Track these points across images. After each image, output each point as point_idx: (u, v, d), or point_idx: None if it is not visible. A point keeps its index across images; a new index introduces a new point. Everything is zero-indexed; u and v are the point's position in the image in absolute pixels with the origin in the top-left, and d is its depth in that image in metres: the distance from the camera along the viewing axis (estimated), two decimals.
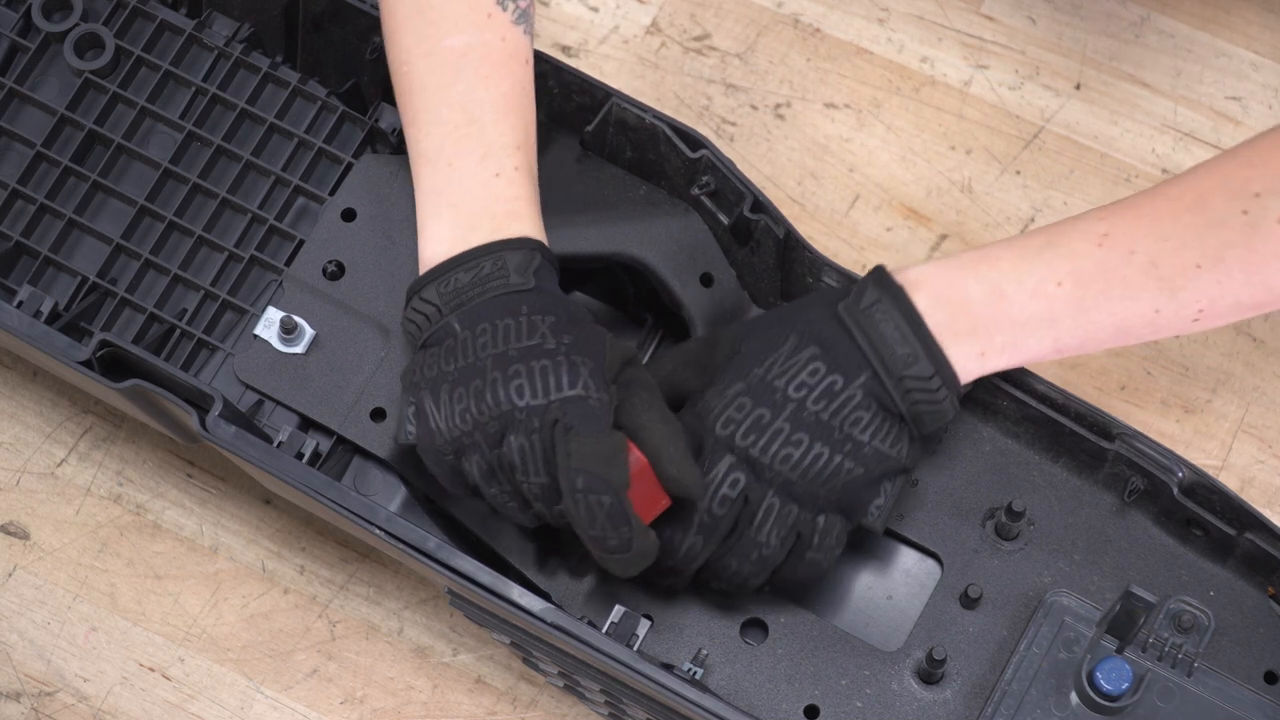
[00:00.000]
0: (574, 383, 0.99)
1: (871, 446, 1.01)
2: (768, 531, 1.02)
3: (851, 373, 1.01)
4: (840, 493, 1.02)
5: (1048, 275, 1.00)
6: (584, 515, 0.97)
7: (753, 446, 1.01)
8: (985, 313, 1.01)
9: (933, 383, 1.00)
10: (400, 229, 1.12)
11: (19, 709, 1.22)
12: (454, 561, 1.02)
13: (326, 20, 1.17)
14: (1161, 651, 1.05)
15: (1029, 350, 1.02)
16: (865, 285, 1.02)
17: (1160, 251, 0.99)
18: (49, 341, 1.06)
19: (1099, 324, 1.00)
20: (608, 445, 0.97)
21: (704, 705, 1.00)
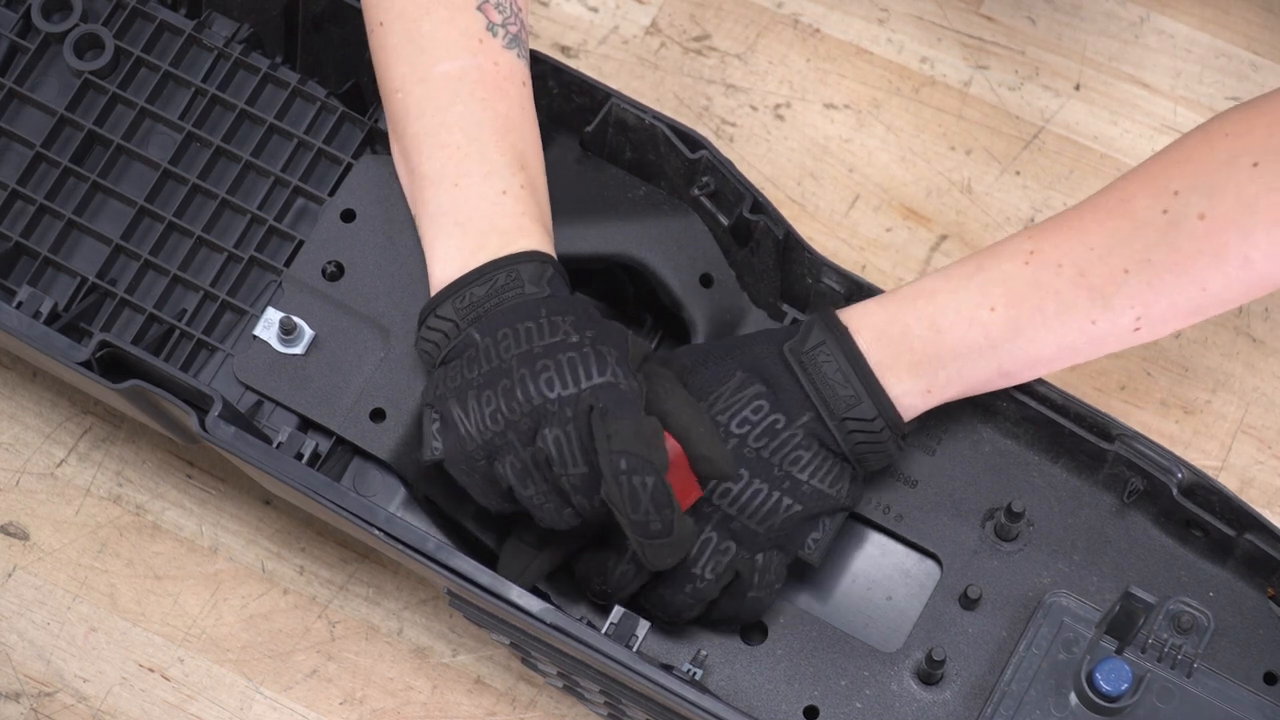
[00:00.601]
0: (603, 370, 0.99)
1: (810, 485, 1.02)
2: (702, 566, 1.03)
3: (794, 413, 1.02)
4: (779, 529, 1.03)
5: (981, 301, 1.01)
6: (628, 499, 0.96)
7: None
8: (925, 349, 1.02)
9: (875, 424, 1.02)
10: (400, 229, 1.12)
11: (19, 709, 1.22)
12: (453, 562, 1.02)
13: (326, 20, 1.17)
14: (1161, 652, 1.05)
15: (974, 379, 1.03)
16: (811, 326, 1.03)
17: (1087, 261, 0.99)
18: (49, 342, 1.06)
19: (1039, 343, 1.01)
20: (647, 427, 0.97)
21: (703, 706, 1.00)
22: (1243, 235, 0.96)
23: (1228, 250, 0.97)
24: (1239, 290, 0.99)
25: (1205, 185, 0.97)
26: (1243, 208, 0.96)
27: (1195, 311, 1.00)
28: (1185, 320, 1.00)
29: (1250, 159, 0.97)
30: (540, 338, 1.00)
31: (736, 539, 1.03)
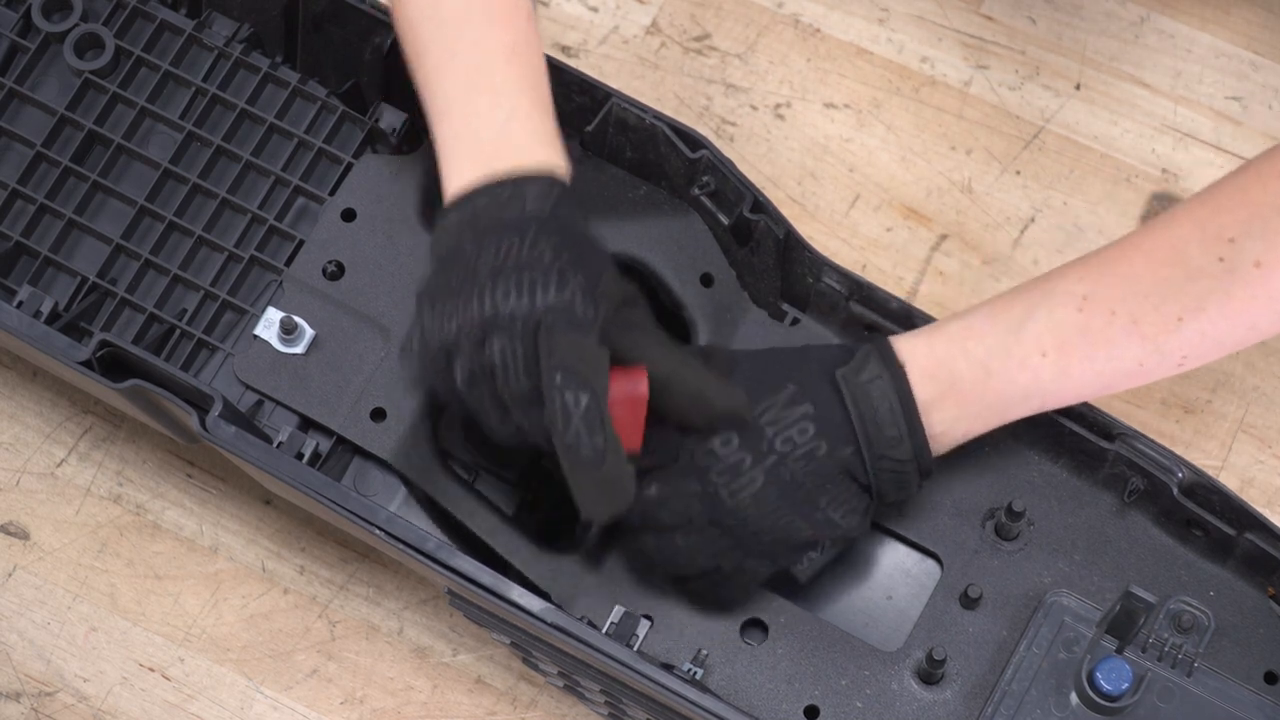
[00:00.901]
0: (561, 291, 0.98)
1: (825, 514, 1.02)
2: (694, 549, 1.03)
3: (835, 444, 1.02)
4: (781, 546, 1.03)
5: (1033, 348, 1.01)
6: (559, 414, 0.95)
7: (723, 487, 1.02)
8: (973, 391, 1.02)
9: (907, 466, 1.02)
10: (400, 229, 1.12)
11: (19, 709, 1.22)
12: (454, 561, 1.02)
13: (326, 20, 1.17)
14: (1161, 652, 1.05)
15: (1013, 414, 1.03)
16: (868, 357, 1.03)
17: (1141, 309, 0.99)
18: (49, 342, 1.06)
19: (1084, 383, 1.02)
20: (591, 350, 0.97)
21: (704, 705, 1.00)
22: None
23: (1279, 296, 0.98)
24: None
25: (1260, 230, 0.97)
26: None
27: (1239, 345, 1.00)
28: (1227, 352, 1.01)
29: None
30: (517, 254, 0.99)
31: (737, 540, 1.03)
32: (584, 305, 0.98)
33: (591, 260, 1.01)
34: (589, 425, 0.95)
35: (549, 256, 0.99)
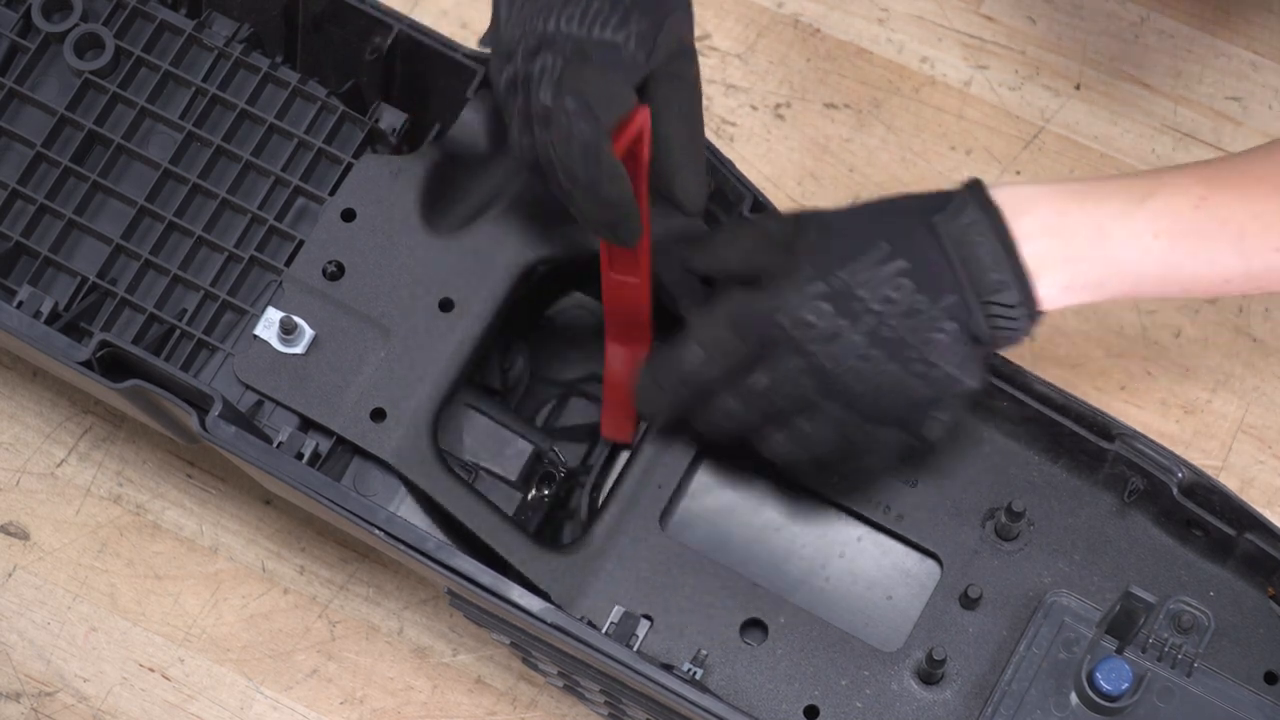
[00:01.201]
0: (618, 30, 0.99)
1: (943, 370, 1.01)
2: (819, 429, 1.02)
3: (938, 294, 1.00)
4: (905, 409, 1.02)
5: (1148, 227, 1.02)
6: (561, 137, 0.97)
7: (825, 356, 1.00)
8: (1085, 248, 1.02)
9: (1017, 310, 1.01)
10: (400, 229, 1.12)
11: (19, 709, 1.22)
12: (454, 561, 1.02)
13: (326, 20, 1.17)
14: (1161, 652, 1.05)
15: (1109, 290, 1.03)
16: (965, 202, 1.02)
17: (1249, 227, 1.01)
18: (49, 342, 1.06)
19: (1175, 280, 1.03)
20: (615, 88, 0.98)
21: (704, 705, 1.00)
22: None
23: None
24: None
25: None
26: None
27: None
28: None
29: None
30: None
31: (859, 410, 1.02)
32: (635, 49, 0.99)
33: (661, 6, 1.01)
34: (585, 154, 0.97)
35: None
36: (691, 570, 1.08)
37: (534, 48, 1.00)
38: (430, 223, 1.12)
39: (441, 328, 1.10)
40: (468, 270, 1.11)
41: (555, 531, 1.15)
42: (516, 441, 1.13)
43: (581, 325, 1.21)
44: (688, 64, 1.03)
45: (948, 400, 1.03)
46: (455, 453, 1.13)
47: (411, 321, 1.10)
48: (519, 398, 1.19)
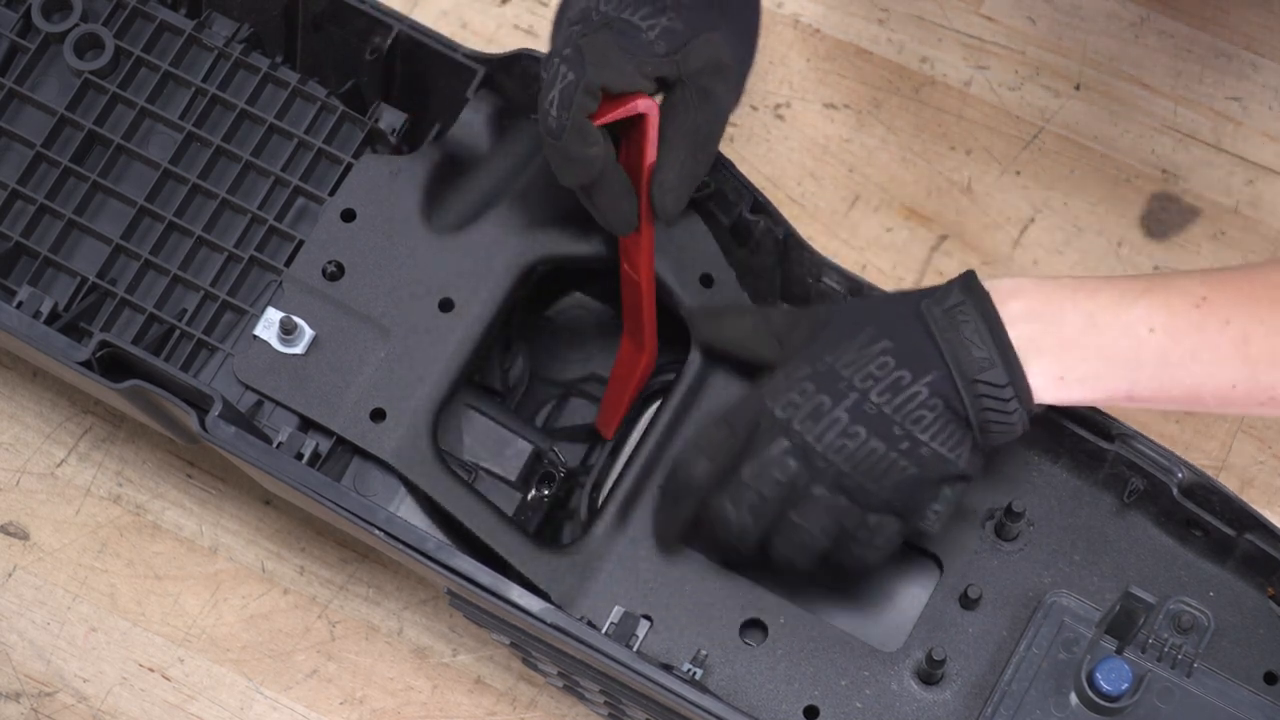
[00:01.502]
0: (646, 18, 1.01)
1: (930, 448, 1.00)
2: (812, 521, 1.02)
3: (921, 369, 1.00)
4: (894, 492, 1.01)
5: (1143, 319, 1.00)
6: (549, 79, 1.00)
7: (808, 433, 1.00)
8: (1075, 336, 1.00)
9: (1005, 391, 1.00)
10: (400, 229, 1.12)
11: (19, 709, 1.22)
12: (454, 562, 1.02)
13: (326, 20, 1.17)
14: (1161, 652, 1.05)
15: (1105, 387, 1.01)
16: (952, 287, 1.02)
17: (1255, 331, 0.99)
18: (48, 342, 1.06)
19: (1177, 381, 1.00)
20: (616, 58, 1.00)
21: (703, 706, 1.00)
22: None
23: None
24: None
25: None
26: None
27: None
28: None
29: None
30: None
31: (850, 495, 1.01)
32: (657, 39, 1.01)
33: (706, 20, 1.02)
34: (562, 100, 1.00)
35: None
36: (691, 570, 1.08)
37: (575, 19, 1.02)
38: (430, 223, 1.12)
39: (441, 328, 1.10)
40: (468, 270, 1.11)
41: (555, 532, 1.15)
42: (516, 441, 1.13)
43: (581, 325, 1.22)
44: (718, 85, 1.04)
45: (942, 487, 1.02)
46: (455, 453, 1.13)
47: (411, 321, 1.10)
48: (519, 398, 1.19)
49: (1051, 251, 1.32)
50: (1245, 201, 1.34)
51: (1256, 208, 1.33)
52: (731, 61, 1.04)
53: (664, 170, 1.04)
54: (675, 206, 1.05)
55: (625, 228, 1.06)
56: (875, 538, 1.02)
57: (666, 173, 1.04)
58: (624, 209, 1.05)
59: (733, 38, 1.04)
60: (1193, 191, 1.34)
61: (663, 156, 1.04)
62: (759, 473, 1.01)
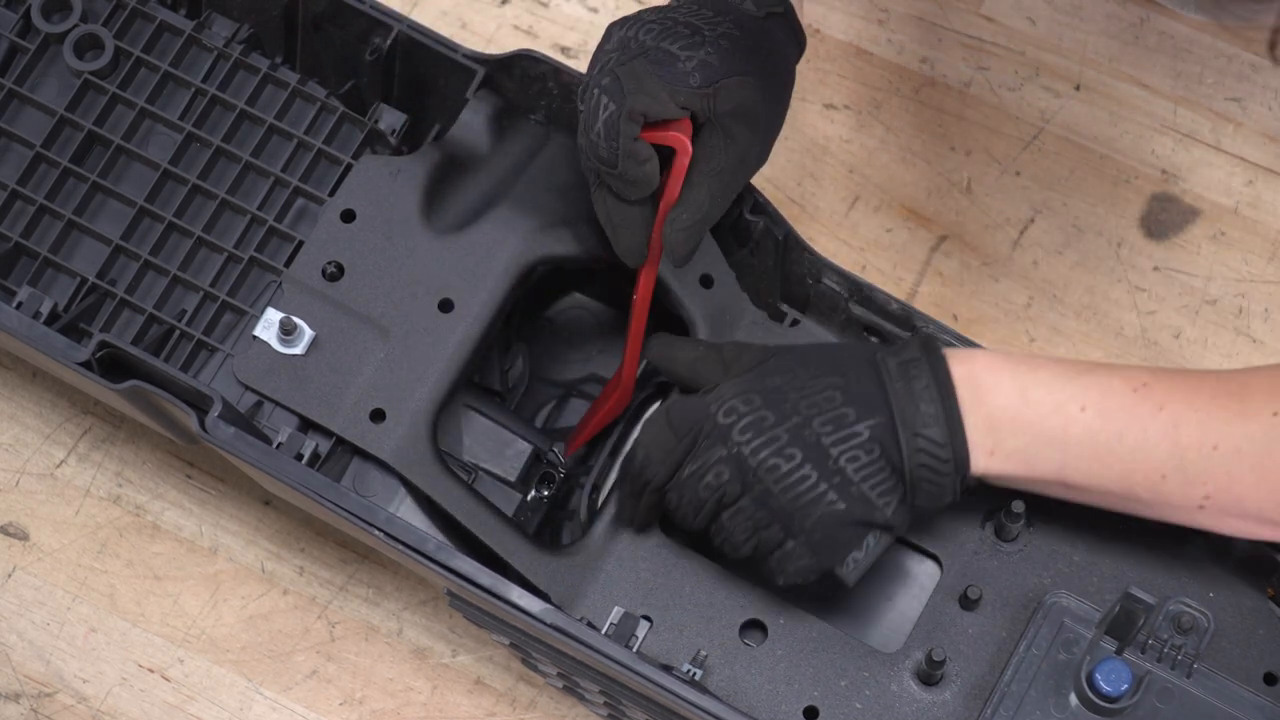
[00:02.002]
0: (684, 49, 1.03)
1: (859, 489, 1.00)
2: (736, 528, 1.02)
3: (866, 411, 1.00)
4: (816, 524, 1.01)
5: (1075, 396, 1.00)
6: (591, 109, 1.02)
7: (746, 445, 1.01)
8: (1006, 410, 1.00)
9: (944, 451, 1.00)
10: (400, 230, 1.12)
11: (18, 710, 1.22)
12: (453, 562, 1.02)
13: (326, 21, 1.17)
14: (1161, 653, 1.05)
15: (1036, 465, 1.01)
16: (911, 343, 1.02)
17: (1186, 419, 0.99)
18: (48, 342, 1.06)
19: (1107, 465, 1.00)
20: (653, 86, 1.01)
21: (703, 706, 1.00)
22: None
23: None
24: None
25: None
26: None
27: (1262, 521, 0.99)
28: (1247, 525, 1.00)
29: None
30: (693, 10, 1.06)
31: (773, 515, 1.01)
32: (693, 70, 1.02)
33: (742, 64, 1.04)
34: (608, 130, 1.01)
35: (711, 26, 1.04)
36: (691, 571, 1.08)
37: (613, 48, 1.04)
38: (430, 223, 1.12)
39: (441, 328, 1.10)
40: (467, 271, 1.11)
41: (555, 532, 1.15)
42: (516, 442, 1.13)
43: (581, 325, 1.22)
44: (745, 132, 1.05)
45: (866, 536, 1.02)
46: (455, 453, 1.13)
47: (411, 322, 1.10)
48: (518, 398, 1.19)
49: (1051, 252, 1.32)
50: (1245, 202, 1.34)
51: (1256, 208, 1.33)
52: (760, 110, 1.05)
53: (680, 208, 1.05)
54: (685, 247, 1.06)
55: (636, 258, 1.07)
56: (788, 564, 1.02)
57: (682, 212, 1.05)
58: (641, 240, 1.06)
59: (763, 90, 1.05)
60: (1193, 192, 1.34)
61: (683, 196, 1.04)
62: (695, 475, 1.02)
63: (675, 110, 1.02)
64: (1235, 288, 1.32)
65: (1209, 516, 1.00)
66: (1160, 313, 1.31)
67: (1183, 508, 1.00)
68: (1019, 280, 1.32)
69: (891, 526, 1.02)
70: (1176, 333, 1.30)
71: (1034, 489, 1.03)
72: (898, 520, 1.02)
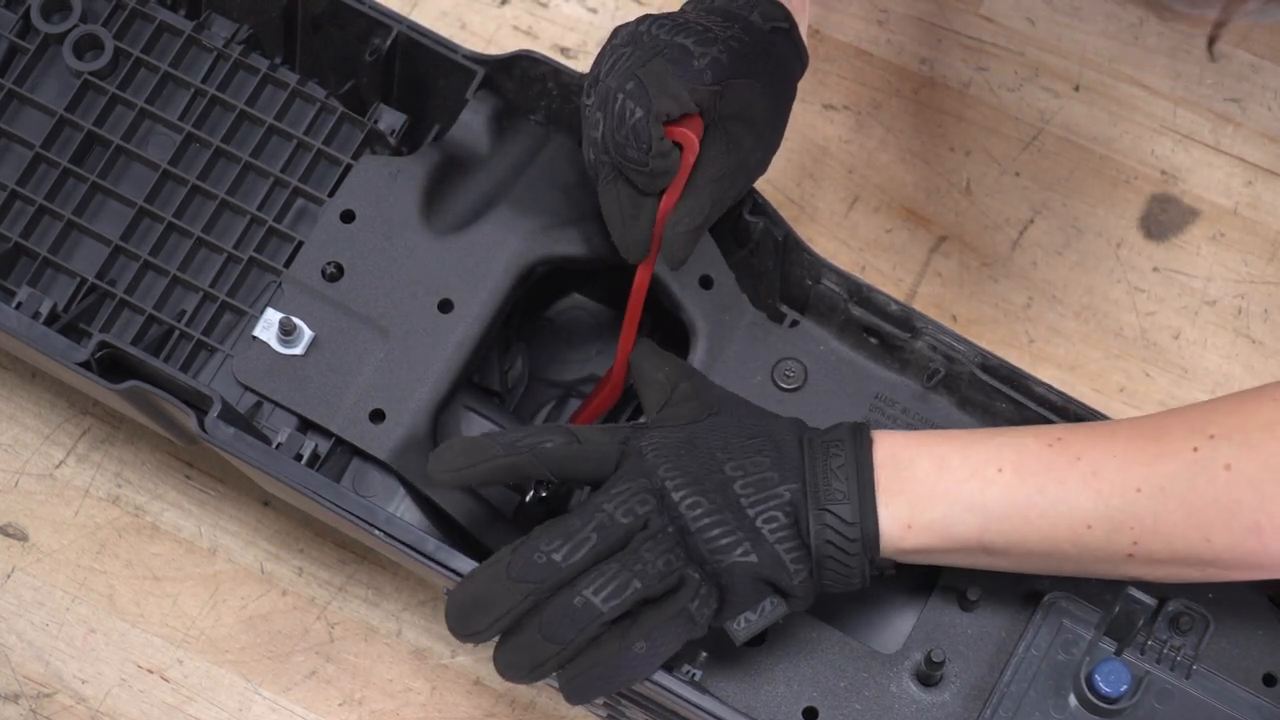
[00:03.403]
0: (698, 45, 1.03)
1: (774, 549, 0.98)
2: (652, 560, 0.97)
3: (787, 477, 0.99)
4: (726, 571, 0.98)
5: (992, 459, 0.99)
6: (615, 116, 1.02)
7: (669, 481, 0.98)
8: (923, 479, 0.99)
9: (851, 530, 0.98)
10: (399, 230, 1.12)
11: (18, 710, 1.22)
12: (453, 562, 1.02)
13: (326, 21, 1.17)
14: (1160, 653, 1.05)
15: (955, 534, 0.99)
16: (841, 426, 1.01)
17: (1105, 465, 0.98)
18: (48, 343, 1.06)
19: (1029, 522, 0.98)
20: (674, 85, 1.02)
21: (703, 706, 1.00)
22: (1260, 500, 0.95)
23: (1240, 509, 0.95)
24: (1240, 558, 0.97)
25: (1240, 439, 0.96)
26: (1268, 473, 0.95)
27: (1191, 562, 0.98)
28: (1178, 569, 0.99)
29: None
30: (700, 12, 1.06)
31: (689, 555, 0.98)
32: (705, 68, 1.03)
33: (751, 68, 1.04)
34: (637, 135, 1.02)
35: (721, 29, 1.05)
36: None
37: (625, 42, 1.04)
38: (429, 223, 1.12)
39: (441, 328, 1.10)
40: (467, 271, 1.11)
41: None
42: None
43: (581, 326, 1.22)
44: (747, 136, 1.05)
45: (767, 597, 0.99)
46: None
47: (411, 322, 1.10)
48: (518, 399, 1.19)
49: (1051, 253, 1.32)
50: (1245, 202, 1.34)
51: (1256, 209, 1.33)
52: (764, 116, 1.05)
53: (682, 211, 1.05)
54: (684, 250, 1.06)
55: (640, 253, 1.06)
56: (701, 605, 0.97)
57: (684, 214, 1.05)
58: (649, 233, 1.06)
59: (768, 96, 1.06)
60: (1192, 192, 1.34)
61: (685, 198, 1.05)
62: (618, 495, 0.98)
63: (692, 107, 1.03)
64: (1235, 288, 1.32)
65: (1138, 565, 0.99)
66: (1160, 313, 1.31)
67: (1110, 559, 0.99)
68: (1018, 281, 1.32)
69: (794, 597, 0.99)
70: (1176, 333, 1.30)
71: (954, 561, 1.02)
72: (802, 592, 0.99)
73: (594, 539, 0.97)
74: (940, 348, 1.11)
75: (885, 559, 1.00)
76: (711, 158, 1.05)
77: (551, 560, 0.96)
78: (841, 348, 1.14)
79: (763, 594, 0.99)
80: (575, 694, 0.97)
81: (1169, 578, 1.00)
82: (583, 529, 0.97)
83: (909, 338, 1.12)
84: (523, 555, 0.96)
